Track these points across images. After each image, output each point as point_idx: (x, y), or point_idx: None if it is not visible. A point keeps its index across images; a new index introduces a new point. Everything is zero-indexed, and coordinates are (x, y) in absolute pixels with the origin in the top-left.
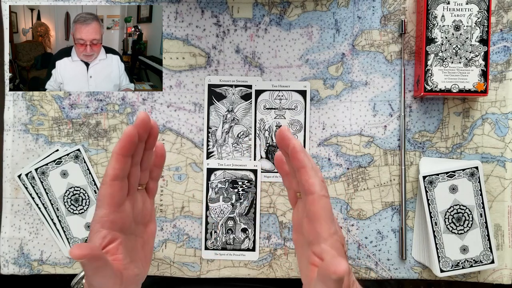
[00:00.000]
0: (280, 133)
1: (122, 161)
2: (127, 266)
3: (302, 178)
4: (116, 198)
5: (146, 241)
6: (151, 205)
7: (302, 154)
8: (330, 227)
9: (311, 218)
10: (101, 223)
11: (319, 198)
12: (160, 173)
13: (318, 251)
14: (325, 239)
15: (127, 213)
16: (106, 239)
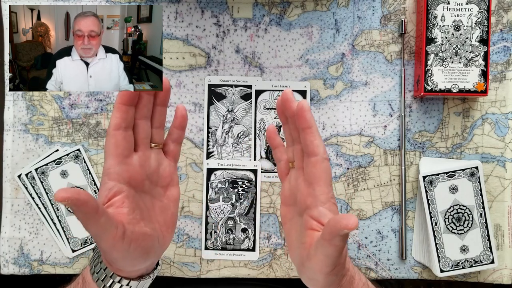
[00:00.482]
0: (284, 96)
1: (123, 110)
2: (133, 221)
3: (307, 139)
4: (120, 148)
5: (166, 206)
6: (170, 168)
7: (310, 114)
8: (329, 190)
9: (311, 180)
10: (108, 175)
11: (322, 161)
12: (182, 137)
13: (316, 214)
14: (323, 202)
15: (135, 167)
16: (112, 191)
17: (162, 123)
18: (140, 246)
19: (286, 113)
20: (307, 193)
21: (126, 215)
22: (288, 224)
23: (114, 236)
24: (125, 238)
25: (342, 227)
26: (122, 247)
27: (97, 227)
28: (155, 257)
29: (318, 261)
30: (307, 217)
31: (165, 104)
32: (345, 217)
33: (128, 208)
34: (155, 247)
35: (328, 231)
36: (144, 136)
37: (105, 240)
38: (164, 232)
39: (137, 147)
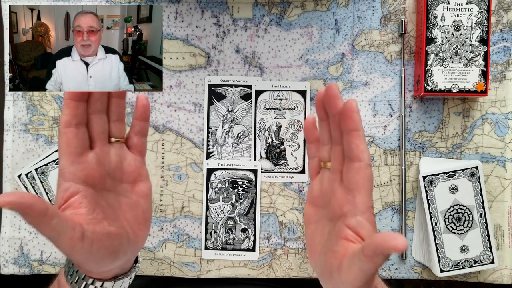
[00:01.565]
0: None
1: (72, 106)
2: (93, 221)
3: (352, 142)
4: (72, 146)
5: (135, 202)
6: (136, 162)
7: (358, 116)
8: (370, 199)
9: (352, 187)
10: (62, 175)
11: (366, 167)
12: (145, 128)
13: (354, 224)
14: (362, 212)
15: (91, 164)
16: (67, 192)
17: (121, 115)
18: (104, 246)
19: (329, 110)
20: (345, 200)
21: (85, 215)
22: (313, 226)
23: (72, 237)
24: (84, 239)
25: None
26: (83, 248)
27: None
28: (125, 256)
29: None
30: (342, 226)
31: (121, 95)
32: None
33: (87, 208)
34: (123, 246)
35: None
36: (100, 131)
37: (62, 243)
38: (135, 230)
39: (94, 144)
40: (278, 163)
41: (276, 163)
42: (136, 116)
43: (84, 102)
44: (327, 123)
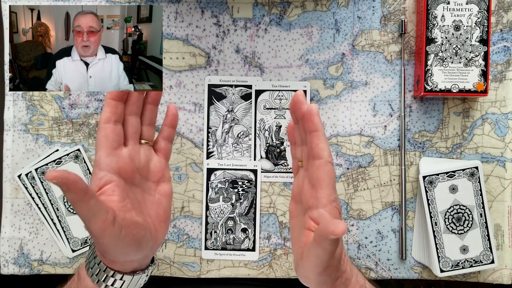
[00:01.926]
0: (295, 97)
1: (112, 104)
2: (124, 209)
3: (312, 141)
4: (109, 139)
5: (158, 200)
6: (161, 164)
7: (317, 118)
8: (331, 193)
9: (314, 183)
10: (98, 165)
11: (325, 164)
12: (172, 135)
13: (315, 215)
14: (324, 205)
15: (124, 159)
16: (102, 180)
17: (153, 121)
18: (131, 234)
19: (297, 115)
20: (310, 194)
21: (117, 202)
22: (294, 220)
23: (104, 220)
24: (115, 224)
25: (330, 232)
26: (113, 232)
27: (87, 209)
28: (147, 249)
29: (310, 261)
30: (307, 217)
31: (155, 103)
32: (334, 223)
33: (119, 196)
34: (146, 237)
35: (318, 234)
36: (133, 131)
37: (95, 223)
38: (156, 226)
39: (127, 141)
40: (278, 163)
41: (276, 163)
42: (166, 123)
43: (123, 103)
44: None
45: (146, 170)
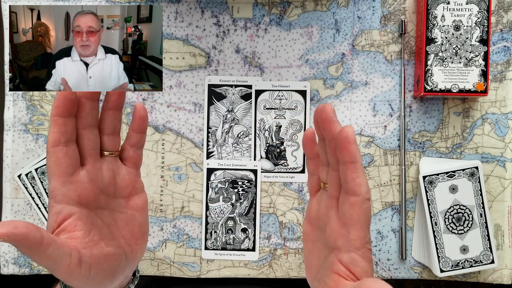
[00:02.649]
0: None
1: (59, 122)
2: (90, 244)
3: (348, 175)
4: (62, 166)
5: (130, 217)
6: (131, 175)
7: (355, 147)
8: (366, 235)
9: (347, 222)
10: (54, 197)
11: (363, 202)
12: (142, 141)
13: (347, 260)
14: (357, 248)
15: (83, 184)
16: (60, 215)
17: (117, 128)
18: (102, 269)
19: (324, 134)
20: (340, 233)
21: (81, 239)
22: (310, 245)
23: (69, 264)
24: (82, 264)
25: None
26: (81, 273)
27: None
28: (123, 275)
29: None
30: (335, 259)
31: (118, 107)
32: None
33: (83, 230)
34: (121, 265)
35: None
36: (92, 147)
37: (59, 270)
38: (132, 246)
39: (84, 160)
40: (278, 163)
41: (276, 163)
42: (133, 127)
43: (73, 117)
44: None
45: (112, 187)
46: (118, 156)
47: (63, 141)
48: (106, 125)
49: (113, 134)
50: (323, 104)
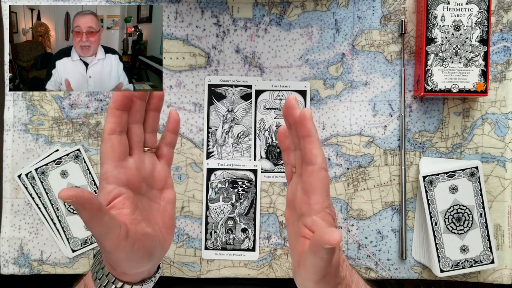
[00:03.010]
0: (287, 102)
1: (116, 114)
2: (135, 221)
3: (306, 147)
4: (116, 151)
5: (163, 208)
6: (165, 171)
7: (311, 123)
8: (325, 200)
9: (307, 189)
10: (106, 179)
11: (319, 170)
12: (174, 140)
13: (309, 223)
14: (317, 211)
15: (131, 170)
16: (111, 194)
17: (155, 128)
18: (144, 246)
19: (289, 120)
20: (303, 200)
21: (129, 216)
22: (290, 227)
23: (118, 235)
24: (128, 238)
25: (325, 242)
26: (126, 247)
27: (101, 226)
28: (157, 258)
29: (307, 269)
30: (301, 224)
31: (158, 109)
32: (329, 232)
33: (130, 209)
34: (157, 247)
35: (313, 243)
36: (138, 140)
37: (110, 239)
38: (164, 234)
39: (132, 151)
40: (278, 163)
41: (276, 163)
42: (168, 128)
43: (127, 112)
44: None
45: (151, 178)
46: (154, 153)
47: (118, 130)
48: (147, 124)
49: (152, 133)
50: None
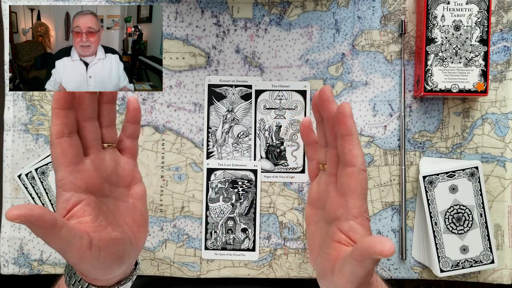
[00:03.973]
0: (322, 94)
1: (61, 115)
2: (99, 228)
3: (345, 147)
4: (68, 156)
5: (132, 205)
6: (130, 165)
7: (351, 120)
8: (363, 204)
9: (345, 192)
10: (62, 186)
11: (359, 172)
12: (137, 131)
13: (346, 228)
14: (355, 216)
15: (89, 172)
16: (70, 202)
17: (112, 121)
18: (111, 253)
19: (323, 114)
20: (338, 203)
21: (91, 223)
22: (312, 227)
23: (80, 247)
24: (92, 247)
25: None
26: (92, 256)
27: (59, 241)
28: (129, 260)
29: (343, 277)
30: (336, 229)
31: (112, 101)
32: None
33: (91, 215)
34: (127, 250)
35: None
36: (94, 138)
37: (71, 253)
38: (135, 233)
39: (88, 151)
40: (278, 163)
41: (276, 163)
42: (128, 119)
43: (73, 110)
44: (322, 126)
45: (115, 176)
46: (116, 148)
47: (67, 132)
48: (103, 118)
49: (110, 127)
50: (321, 87)
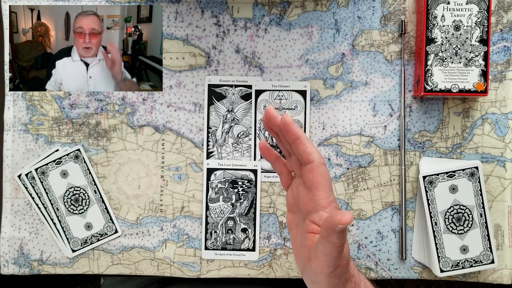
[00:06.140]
0: (267, 114)
1: None
2: None
3: (299, 149)
4: None
5: None
6: None
7: (294, 126)
8: (329, 194)
9: (310, 186)
10: None
11: (318, 166)
12: None
13: (317, 218)
14: (323, 207)
15: None
16: None
17: None
18: None
19: (274, 129)
20: (308, 198)
21: None
22: (294, 231)
23: None
24: None
25: (336, 222)
26: None
27: None
28: None
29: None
30: (308, 221)
31: None
32: (340, 213)
33: None
34: None
35: (324, 228)
36: None
37: None
38: None
39: None
40: None
41: None
42: None
43: None
44: (280, 140)
45: None
46: None
47: None
48: None
49: None
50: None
